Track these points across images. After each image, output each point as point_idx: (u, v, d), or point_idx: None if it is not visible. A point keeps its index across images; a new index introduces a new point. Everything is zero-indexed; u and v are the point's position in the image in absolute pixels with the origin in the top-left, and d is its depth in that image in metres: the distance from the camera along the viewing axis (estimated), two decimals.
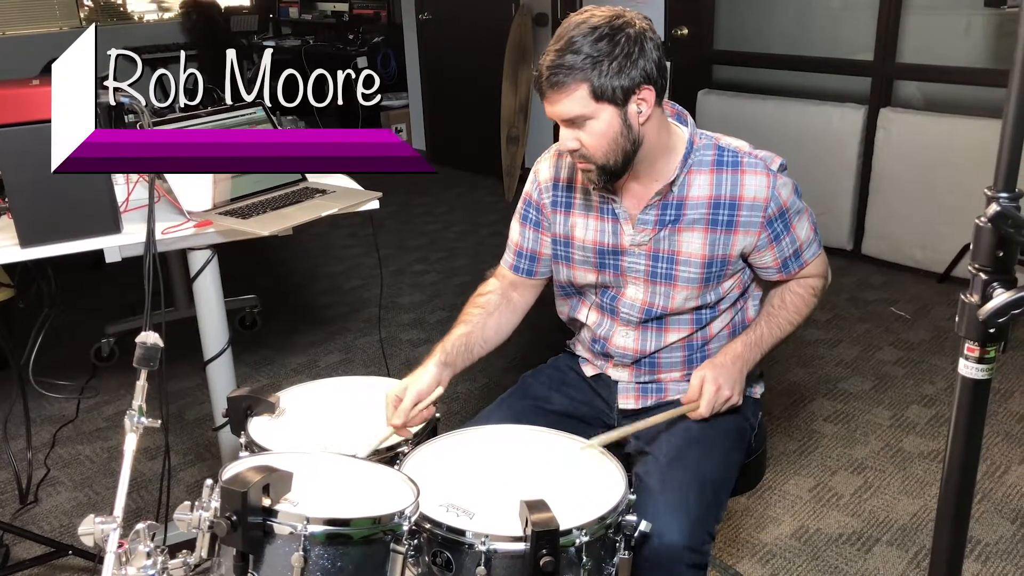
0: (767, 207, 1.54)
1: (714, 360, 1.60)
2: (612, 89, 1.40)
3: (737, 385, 1.57)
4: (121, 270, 2.03)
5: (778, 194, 1.55)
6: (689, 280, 1.59)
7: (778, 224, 1.57)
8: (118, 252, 1.91)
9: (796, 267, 1.64)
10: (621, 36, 1.39)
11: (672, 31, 4.53)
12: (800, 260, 1.63)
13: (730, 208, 1.54)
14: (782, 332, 1.65)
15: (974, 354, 0.94)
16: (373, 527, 1.18)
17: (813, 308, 1.69)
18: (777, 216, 1.56)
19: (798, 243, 1.61)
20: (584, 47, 1.38)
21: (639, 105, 1.43)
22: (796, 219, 1.59)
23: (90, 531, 1.25)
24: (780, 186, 1.55)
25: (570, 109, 1.42)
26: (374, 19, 6.66)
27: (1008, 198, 0.88)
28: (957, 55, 3.75)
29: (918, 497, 2.39)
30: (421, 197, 5.38)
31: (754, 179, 1.53)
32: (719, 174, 1.54)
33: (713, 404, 1.55)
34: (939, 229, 3.71)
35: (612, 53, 1.38)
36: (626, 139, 1.45)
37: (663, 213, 1.57)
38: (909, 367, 3.09)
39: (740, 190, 1.54)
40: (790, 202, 1.57)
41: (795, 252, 1.62)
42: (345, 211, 2.10)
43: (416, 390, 1.53)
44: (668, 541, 1.39)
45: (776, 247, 1.60)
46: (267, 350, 3.38)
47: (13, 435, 2.68)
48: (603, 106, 1.41)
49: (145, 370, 1.38)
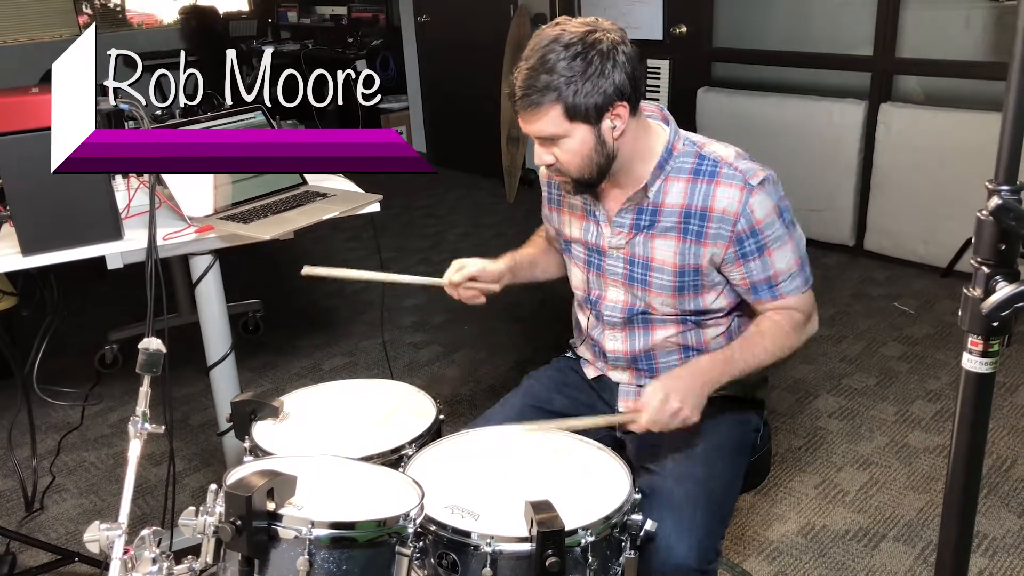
0: (736, 222, 1.47)
1: (672, 372, 1.52)
2: (585, 108, 1.39)
3: (691, 399, 1.43)
4: (123, 277, 2.03)
5: (750, 210, 1.47)
6: (662, 287, 1.57)
7: (748, 244, 1.49)
8: (120, 259, 1.91)
9: (768, 297, 1.54)
10: (593, 53, 1.38)
11: (671, 29, 4.53)
12: (774, 292, 1.53)
13: (700, 218, 1.50)
14: (756, 359, 1.52)
15: (978, 348, 0.93)
16: (378, 530, 1.18)
17: (796, 343, 1.56)
18: (748, 235, 1.48)
19: (772, 272, 1.52)
20: (557, 66, 1.37)
21: (613, 121, 1.43)
22: (774, 245, 1.50)
23: (96, 538, 1.25)
24: (755, 203, 1.47)
25: (544, 129, 1.43)
26: (373, 22, 6.66)
27: (1009, 191, 0.88)
28: (957, 49, 3.74)
29: (924, 492, 2.38)
30: (422, 199, 5.39)
31: (727, 191, 1.48)
32: (694, 183, 1.51)
33: (658, 418, 1.42)
34: (941, 223, 3.70)
35: (585, 72, 1.37)
36: (599, 154, 1.45)
37: (638, 218, 1.56)
38: (913, 362, 3.08)
39: (712, 201, 1.49)
40: (765, 223, 1.48)
41: (768, 280, 1.52)
42: (346, 214, 2.10)
43: (481, 266, 1.69)
44: (677, 562, 1.39)
45: (744, 266, 1.51)
46: (270, 354, 3.39)
47: (18, 443, 2.69)
48: (576, 125, 1.41)
49: (148, 376, 1.38)
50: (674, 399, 1.42)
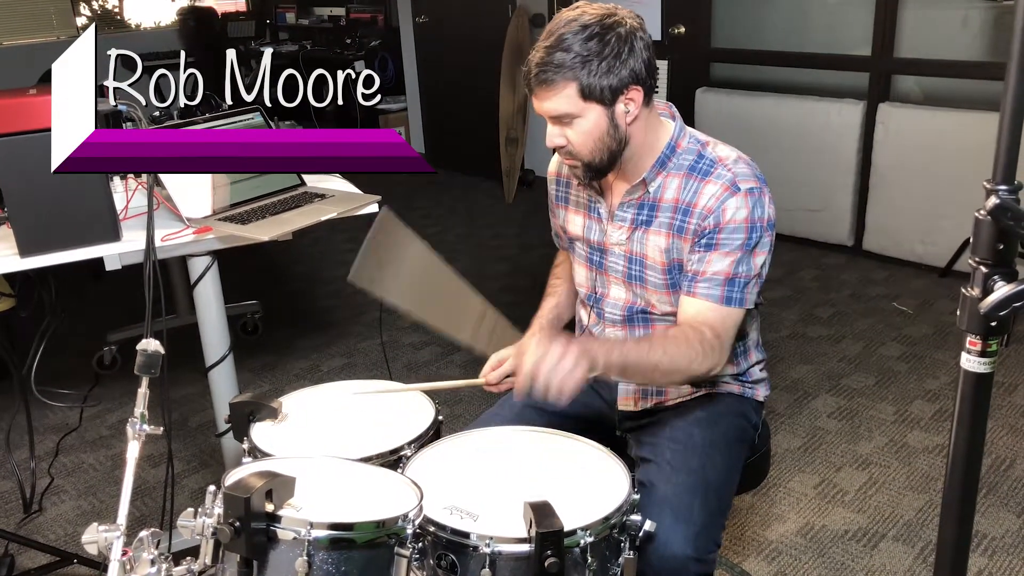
0: (707, 217, 1.46)
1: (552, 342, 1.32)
2: (600, 89, 1.39)
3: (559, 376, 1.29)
4: (121, 278, 2.03)
5: (723, 210, 1.44)
6: (656, 285, 1.56)
7: (706, 238, 1.46)
8: (118, 260, 1.91)
9: (686, 290, 1.49)
10: (611, 35, 1.38)
11: (669, 29, 4.54)
12: (690, 286, 1.48)
13: (684, 214, 1.50)
14: (647, 359, 1.41)
15: (976, 348, 0.93)
16: (377, 531, 1.18)
17: (696, 358, 1.42)
18: (711, 231, 1.45)
19: (701, 268, 1.46)
20: (574, 45, 1.37)
21: (627, 105, 1.43)
22: (723, 249, 1.45)
23: (94, 539, 1.25)
24: (731, 204, 1.44)
25: (558, 107, 1.42)
26: (371, 23, 6.67)
27: (1007, 191, 0.88)
28: (955, 49, 3.75)
29: (923, 492, 2.38)
30: (421, 200, 5.38)
31: (712, 188, 1.47)
32: (688, 179, 1.51)
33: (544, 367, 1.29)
34: (940, 223, 3.70)
35: (602, 52, 1.38)
36: (612, 138, 1.45)
37: (639, 213, 1.56)
38: (912, 362, 3.08)
39: (697, 198, 1.48)
40: (729, 227, 1.44)
41: (693, 274, 1.47)
42: (344, 215, 2.10)
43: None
44: (674, 552, 1.38)
45: (688, 251, 1.48)
46: (269, 355, 3.38)
47: (16, 444, 2.68)
48: (591, 105, 1.41)
49: (147, 377, 1.38)
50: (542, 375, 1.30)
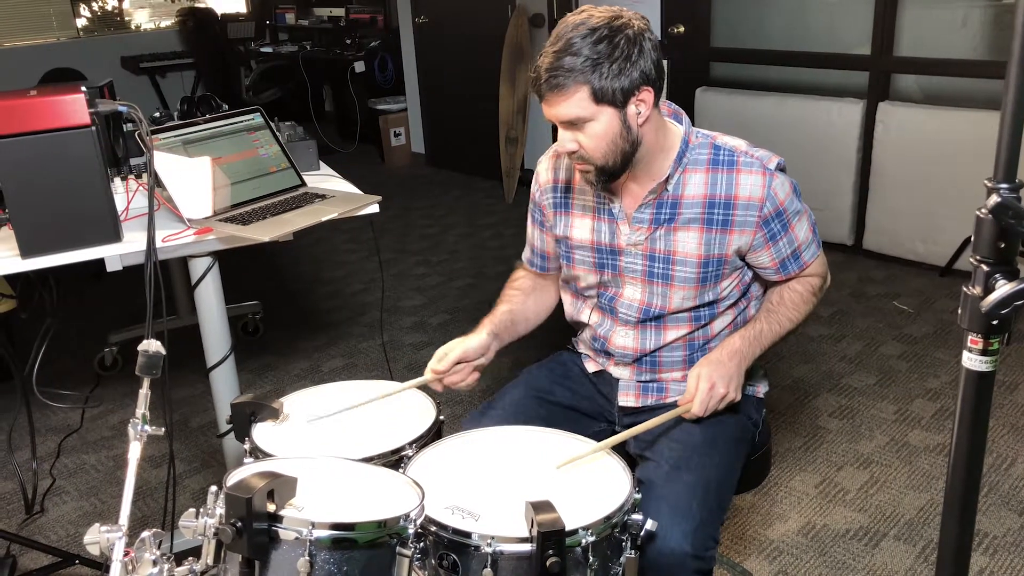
0: (763, 207, 1.53)
1: (710, 357, 1.56)
2: (612, 91, 1.40)
3: (734, 381, 1.54)
4: (122, 279, 2.03)
5: (774, 193, 1.53)
6: (686, 280, 1.58)
7: (775, 224, 1.56)
8: (119, 261, 1.91)
9: (795, 268, 1.62)
10: (620, 37, 1.38)
11: (669, 29, 4.53)
12: (800, 262, 1.62)
13: (725, 207, 1.54)
14: (781, 328, 1.62)
15: (977, 346, 0.93)
16: (379, 531, 1.18)
17: (813, 307, 1.66)
18: (774, 216, 1.55)
19: (796, 244, 1.60)
20: (583, 49, 1.37)
21: (638, 106, 1.43)
22: (795, 220, 1.58)
23: (96, 540, 1.25)
24: (777, 186, 1.53)
25: (569, 111, 1.42)
26: (371, 23, 6.67)
27: (1008, 189, 0.88)
28: (954, 47, 3.75)
29: (925, 491, 2.38)
30: (421, 200, 5.39)
31: (749, 178, 1.52)
32: (714, 173, 1.54)
33: (707, 403, 1.51)
34: (940, 222, 3.70)
35: (612, 55, 1.38)
36: (625, 140, 1.45)
37: (658, 212, 1.57)
38: (913, 361, 3.08)
39: (735, 189, 1.53)
40: (787, 202, 1.55)
41: (793, 253, 1.60)
42: (345, 215, 2.10)
43: (464, 347, 1.65)
44: (672, 548, 1.39)
45: (772, 247, 1.58)
46: (270, 356, 3.38)
47: (18, 445, 2.69)
48: (603, 108, 1.41)
49: (148, 378, 1.38)
50: (720, 386, 1.52)
